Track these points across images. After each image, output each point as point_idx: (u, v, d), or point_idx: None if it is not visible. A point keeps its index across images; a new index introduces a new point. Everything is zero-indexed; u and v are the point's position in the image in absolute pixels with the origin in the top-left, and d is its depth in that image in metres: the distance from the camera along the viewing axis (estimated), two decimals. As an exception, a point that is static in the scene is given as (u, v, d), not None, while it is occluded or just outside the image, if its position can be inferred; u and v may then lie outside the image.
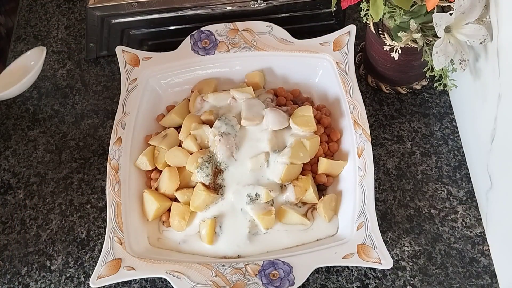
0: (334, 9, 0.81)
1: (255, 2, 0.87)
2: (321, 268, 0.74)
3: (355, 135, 0.76)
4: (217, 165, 0.77)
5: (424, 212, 0.77)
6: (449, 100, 0.86)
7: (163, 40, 0.92)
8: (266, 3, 0.87)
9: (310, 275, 0.70)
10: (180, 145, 0.80)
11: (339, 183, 0.77)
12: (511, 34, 0.62)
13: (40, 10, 1.01)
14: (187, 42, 0.86)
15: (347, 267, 0.74)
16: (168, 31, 0.91)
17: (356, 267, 0.74)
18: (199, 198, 0.75)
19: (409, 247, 0.75)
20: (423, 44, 0.71)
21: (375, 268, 0.73)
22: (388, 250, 0.68)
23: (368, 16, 0.75)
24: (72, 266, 0.77)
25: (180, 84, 0.86)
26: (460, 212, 0.77)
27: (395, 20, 0.71)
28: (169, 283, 0.71)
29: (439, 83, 0.73)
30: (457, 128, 0.83)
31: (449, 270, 0.73)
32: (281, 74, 0.86)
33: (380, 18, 0.69)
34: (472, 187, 0.79)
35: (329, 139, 0.80)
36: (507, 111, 0.66)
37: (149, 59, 0.85)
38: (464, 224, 0.76)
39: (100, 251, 0.71)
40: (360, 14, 0.75)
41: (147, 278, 0.75)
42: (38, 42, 0.97)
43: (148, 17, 0.89)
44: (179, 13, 0.88)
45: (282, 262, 0.69)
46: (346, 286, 0.73)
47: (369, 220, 0.70)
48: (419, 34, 0.70)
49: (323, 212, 0.74)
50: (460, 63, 0.69)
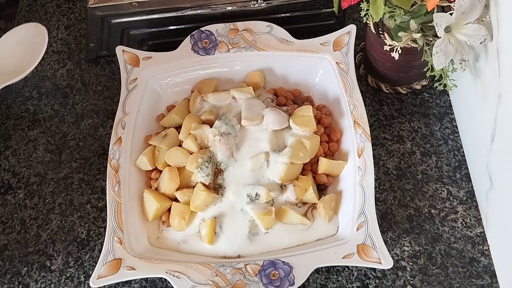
0: (334, 10, 0.81)
1: (255, 2, 0.87)
2: (321, 268, 0.74)
3: (355, 135, 0.76)
4: (217, 165, 0.77)
5: (424, 212, 0.77)
6: (449, 100, 0.86)
7: (163, 40, 0.92)
8: (266, 3, 0.87)
9: (310, 275, 0.70)
10: (180, 145, 0.80)
11: (339, 183, 0.77)
12: (511, 34, 0.62)
13: (40, 10, 1.01)
14: (187, 42, 0.86)
15: (347, 267, 0.74)
16: (168, 31, 0.91)
17: (356, 267, 0.74)
18: (199, 198, 0.75)
19: (409, 247, 0.75)
20: (423, 44, 0.71)
21: (375, 268, 0.73)
22: (388, 250, 0.68)
23: (368, 16, 0.75)
24: (72, 266, 0.77)
25: (180, 84, 0.86)
26: (460, 212, 0.77)
27: (395, 20, 0.71)
28: (169, 283, 0.71)
29: (439, 83, 0.73)
30: (457, 128, 0.83)
31: (449, 270, 0.73)
32: (281, 74, 0.86)
33: (380, 18, 0.69)
34: (472, 187, 0.79)
35: (329, 139, 0.80)
36: (507, 111, 0.66)
37: (149, 59, 0.85)
38: (464, 224, 0.76)
39: (100, 251, 0.71)
40: (360, 14, 0.75)
41: (147, 278, 0.75)
42: (38, 42, 0.97)
43: (148, 17, 0.89)
44: (179, 13, 0.88)
45: (282, 262, 0.69)
46: (346, 286, 0.73)
47: (369, 220, 0.70)
48: (419, 34, 0.70)
49: (323, 212, 0.74)
50: (460, 63, 0.69)
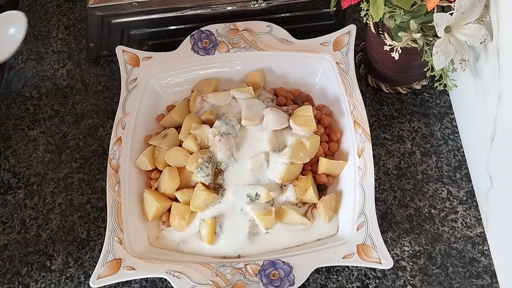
0: (334, 9, 0.81)
1: (255, 2, 0.87)
2: (321, 268, 0.74)
3: (355, 135, 0.76)
4: (217, 165, 0.77)
5: (424, 212, 0.77)
6: (449, 100, 0.86)
7: (163, 40, 0.92)
8: (266, 3, 0.87)
9: (310, 275, 0.70)
10: (180, 145, 0.80)
11: (339, 183, 0.77)
12: (511, 34, 0.62)
13: (40, 10, 1.01)
14: (187, 42, 0.86)
15: (347, 267, 0.74)
16: (168, 31, 0.91)
17: (356, 267, 0.74)
18: (199, 198, 0.75)
19: (409, 247, 0.75)
20: (423, 44, 0.71)
21: (375, 268, 0.73)
22: (388, 250, 0.68)
23: (368, 16, 0.75)
24: (72, 266, 0.77)
25: (180, 84, 0.86)
26: (460, 212, 0.77)
27: (395, 20, 0.70)
28: (169, 283, 0.71)
29: (439, 83, 0.73)
30: (457, 128, 0.83)
31: (449, 270, 0.73)
32: (281, 74, 0.86)
33: (380, 18, 0.69)
34: (472, 187, 0.79)
35: (329, 139, 0.80)
36: (507, 111, 0.66)
37: (149, 59, 0.85)
38: (464, 224, 0.76)
39: (100, 251, 0.71)
40: (360, 14, 0.75)
41: (147, 278, 0.75)
42: (38, 42, 0.97)
43: (148, 17, 0.88)
44: (179, 13, 0.88)
45: (282, 262, 0.69)
46: (346, 286, 0.73)
47: (369, 220, 0.70)
48: (419, 34, 0.70)
49: (323, 212, 0.74)
50: (460, 63, 0.69)
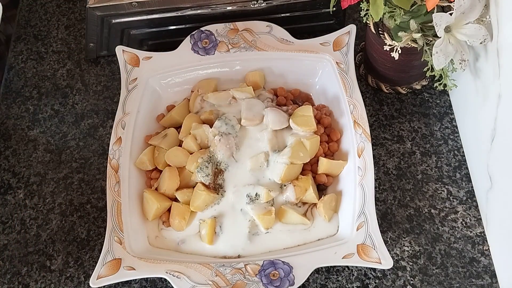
0: (333, 9, 0.81)
1: (255, 2, 0.87)
2: (321, 268, 0.74)
3: (355, 135, 0.76)
4: (217, 165, 0.77)
5: (424, 212, 0.77)
6: (449, 100, 0.86)
7: (163, 40, 0.92)
8: (266, 3, 0.87)
9: (310, 275, 0.70)
10: (180, 145, 0.80)
11: (339, 183, 0.77)
12: (511, 34, 0.62)
13: (40, 10, 1.01)
14: (187, 42, 0.86)
15: (347, 267, 0.74)
16: (168, 31, 0.91)
17: (356, 267, 0.74)
18: (199, 198, 0.75)
19: (409, 247, 0.75)
20: (423, 44, 0.71)
21: (375, 268, 0.73)
22: (388, 250, 0.69)
23: (368, 16, 0.75)
24: (72, 266, 0.77)
25: (180, 84, 0.86)
26: (460, 212, 0.77)
27: (395, 20, 0.70)
28: (169, 283, 0.71)
29: (439, 83, 0.73)
30: (457, 128, 0.83)
31: (449, 270, 0.73)
32: (281, 74, 0.86)
33: (380, 18, 0.69)
34: (472, 187, 0.79)
35: (329, 139, 0.80)
36: (507, 111, 0.66)
37: (149, 59, 0.85)
38: (464, 224, 0.76)
39: (100, 251, 0.71)
40: (360, 14, 0.75)
41: (147, 278, 0.75)
42: (38, 42, 0.97)
43: (148, 17, 0.88)
44: (179, 13, 0.88)
45: (282, 262, 0.69)
46: (346, 286, 0.73)
47: (369, 220, 0.70)
48: (419, 34, 0.70)
49: (323, 212, 0.74)
50: (460, 63, 0.69)
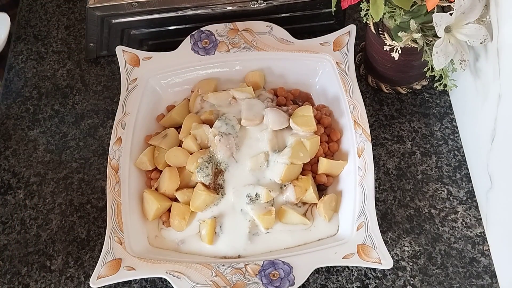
0: (334, 9, 0.81)
1: (255, 2, 0.87)
2: (321, 268, 0.74)
3: (355, 135, 0.76)
4: (217, 165, 0.77)
5: (424, 212, 0.77)
6: (449, 100, 0.86)
7: (163, 40, 0.92)
8: (266, 3, 0.87)
9: (310, 275, 0.70)
10: (180, 145, 0.80)
11: (339, 183, 0.77)
12: (511, 34, 0.62)
13: (40, 10, 1.01)
14: (187, 42, 0.86)
15: (347, 267, 0.74)
16: (168, 31, 0.91)
17: (356, 267, 0.74)
18: (199, 198, 0.75)
19: (409, 247, 0.75)
20: (423, 44, 0.71)
21: (375, 268, 0.73)
22: (388, 250, 0.69)
23: (368, 16, 0.75)
24: (72, 266, 0.77)
25: (180, 84, 0.86)
26: (460, 212, 0.77)
27: (395, 20, 0.70)
28: (169, 283, 0.71)
29: (439, 83, 0.73)
30: (457, 128, 0.83)
31: (449, 270, 0.73)
32: (281, 74, 0.86)
33: (380, 18, 0.69)
34: (472, 187, 0.79)
35: (329, 139, 0.80)
36: (507, 111, 0.66)
37: (149, 59, 0.85)
38: (464, 224, 0.76)
39: (100, 251, 0.71)
40: (360, 14, 0.75)
41: (147, 278, 0.75)
42: (38, 42, 0.97)
43: (148, 17, 0.88)
44: (179, 13, 0.88)
45: (282, 262, 0.69)
46: (346, 286, 0.73)
47: (369, 220, 0.70)
48: (419, 34, 0.70)
49: (323, 212, 0.74)
50: (460, 63, 0.69)
